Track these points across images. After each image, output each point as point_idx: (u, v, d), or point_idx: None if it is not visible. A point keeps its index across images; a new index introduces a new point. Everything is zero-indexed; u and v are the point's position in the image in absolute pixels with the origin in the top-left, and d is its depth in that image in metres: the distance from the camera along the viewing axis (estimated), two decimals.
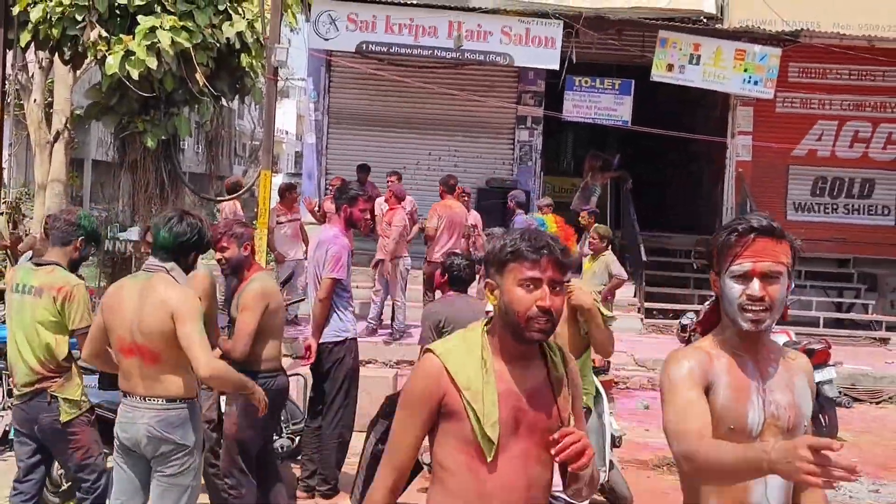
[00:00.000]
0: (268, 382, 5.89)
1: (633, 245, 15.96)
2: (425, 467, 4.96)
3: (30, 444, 5.52)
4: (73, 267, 5.53)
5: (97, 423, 5.62)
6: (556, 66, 14.84)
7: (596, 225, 12.39)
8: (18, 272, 5.60)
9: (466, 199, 13.69)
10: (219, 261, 6.00)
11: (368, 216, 7.72)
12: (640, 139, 17.73)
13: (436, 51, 14.95)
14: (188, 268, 4.89)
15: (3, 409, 8.22)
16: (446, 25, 14.68)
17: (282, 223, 13.04)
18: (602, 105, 15.69)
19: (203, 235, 4.85)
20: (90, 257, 5.95)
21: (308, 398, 7.75)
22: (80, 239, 5.49)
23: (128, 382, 4.73)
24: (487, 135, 17.45)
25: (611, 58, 16.59)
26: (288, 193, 13.30)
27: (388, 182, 13.35)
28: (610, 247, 11.71)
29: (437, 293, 9.49)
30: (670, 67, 14.89)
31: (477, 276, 7.65)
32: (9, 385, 7.77)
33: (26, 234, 17.17)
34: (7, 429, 7.04)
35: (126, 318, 4.66)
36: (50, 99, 18.88)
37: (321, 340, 7.20)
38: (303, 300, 9.25)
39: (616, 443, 7.53)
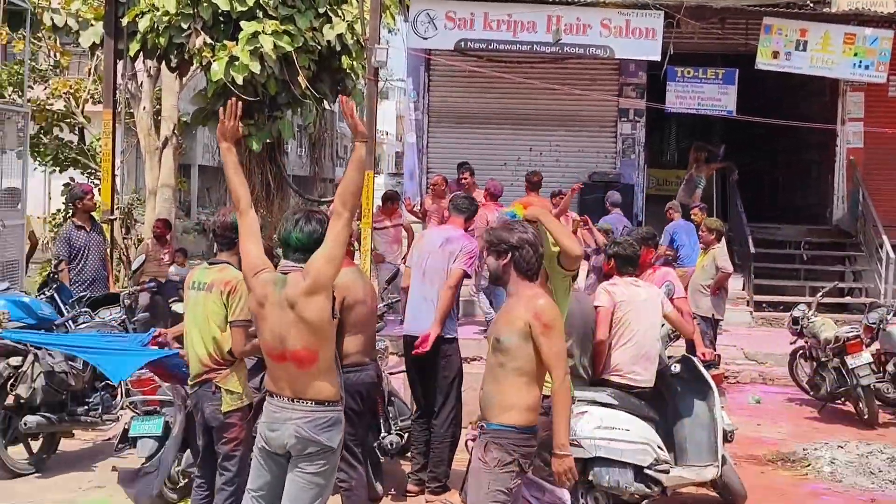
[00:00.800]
0: (352, 376, 5.96)
1: (740, 237, 15.65)
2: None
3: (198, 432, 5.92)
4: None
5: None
6: (658, 58, 14.63)
7: (706, 219, 12.17)
8: (195, 272, 5.97)
9: (557, 200, 13.33)
10: None
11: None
12: (746, 128, 17.36)
13: (535, 46, 14.87)
14: None
15: (122, 408, 8.45)
16: (545, 20, 14.58)
17: (379, 229, 13.07)
18: (706, 95, 15.42)
19: None
20: None
21: (413, 394, 7.79)
22: None
23: (276, 384, 4.79)
24: (589, 129, 17.28)
25: (713, 47, 16.28)
26: (390, 203, 13.29)
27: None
28: (721, 240, 11.46)
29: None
30: (776, 55, 14.56)
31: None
32: (126, 384, 8.00)
33: (139, 240, 17.64)
34: (127, 427, 7.23)
35: (274, 324, 4.69)
36: (158, 106, 19.36)
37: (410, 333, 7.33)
38: (398, 300, 9.29)
39: (728, 438, 7.37)
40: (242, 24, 13.30)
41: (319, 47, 13.83)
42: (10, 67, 21.12)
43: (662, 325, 7.37)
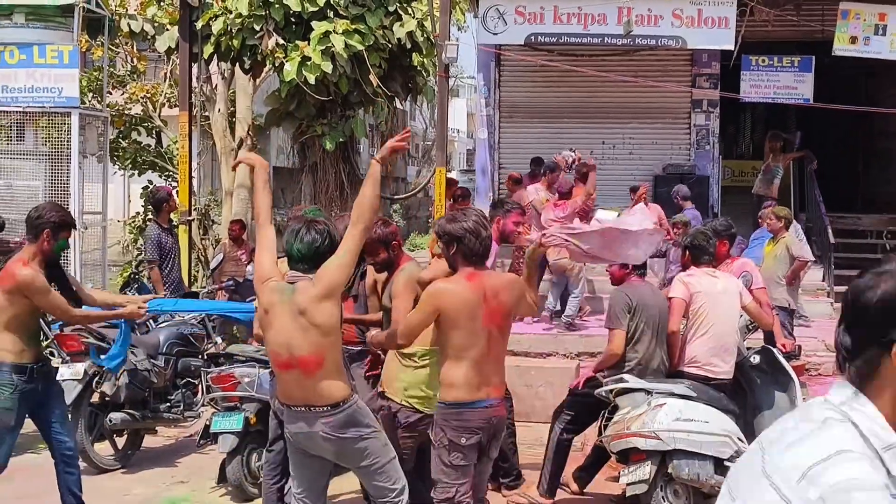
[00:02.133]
0: None
1: (819, 227, 15.35)
2: None
3: (275, 419, 6.12)
4: None
5: None
6: (731, 47, 14.40)
7: (775, 207, 11.98)
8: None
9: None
10: (373, 264, 6.18)
11: (521, 229, 7.69)
12: (823, 117, 17.02)
13: (606, 38, 14.73)
14: None
15: (204, 404, 8.59)
16: (615, 12, 14.44)
17: None
18: (781, 83, 15.14)
19: (333, 238, 4.89)
20: None
21: None
22: None
23: (289, 396, 4.90)
24: (662, 120, 17.09)
25: (788, 34, 15.98)
26: (462, 200, 13.21)
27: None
28: (790, 228, 11.26)
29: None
30: (853, 40, 14.23)
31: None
32: (207, 381, 8.13)
33: (216, 240, 17.90)
34: (208, 423, 7.36)
35: (280, 330, 4.79)
36: (232, 108, 19.61)
37: None
38: None
39: None
40: (314, 24, 13.42)
41: (390, 45, 13.91)
42: (90, 74, 21.52)
43: (741, 317, 7.28)
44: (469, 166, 49.29)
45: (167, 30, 16.71)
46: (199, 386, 8.84)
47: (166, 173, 21.84)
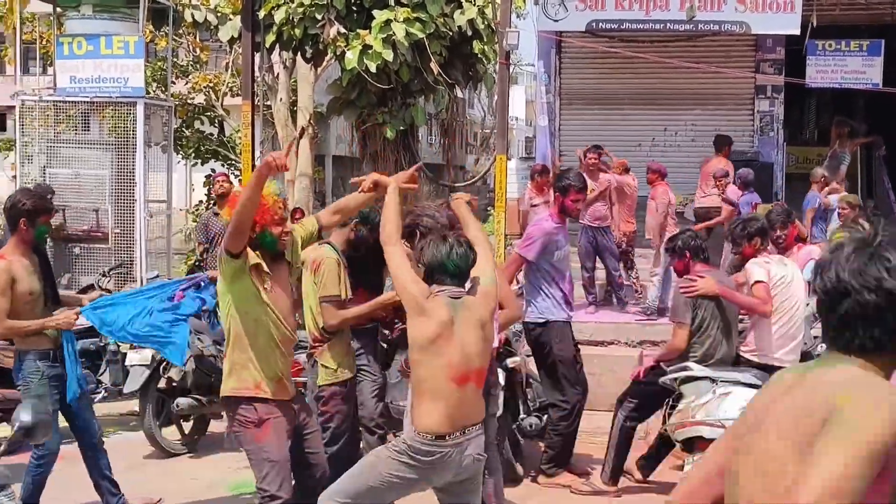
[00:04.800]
0: None
1: (888, 214, 15.08)
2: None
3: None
4: (354, 246, 6.07)
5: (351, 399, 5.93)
6: (797, 31, 14.16)
7: (844, 194, 11.78)
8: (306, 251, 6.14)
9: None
10: None
11: (580, 206, 7.69)
12: (893, 102, 16.69)
13: (668, 24, 14.57)
14: None
15: None
16: None
17: (536, 205, 12.78)
18: (849, 68, 14.87)
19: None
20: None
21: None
22: (354, 222, 6.03)
23: (451, 421, 4.57)
24: (725, 107, 16.89)
25: (856, 18, 15.69)
26: (538, 176, 13.07)
27: (587, 159, 12.61)
28: (862, 215, 11.07)
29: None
30: None
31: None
32: None
33: None
34: None
35: (462, 344, 4.63)
36: (294, 98, 19.77)
37: (524, 320, 7.29)
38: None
39: None
40: (375, 12, 13.47)
41: (451, 33, 13.90)
42: (154, 64, 21.84)
43: (807, 305, 7.19)
44: (528, 154, 49.16)
45: (230, 19, 16.87)
46: None
47: (229, 162, 22.09)
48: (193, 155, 23.06)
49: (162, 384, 8.19)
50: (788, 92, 16.62)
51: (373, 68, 13.24)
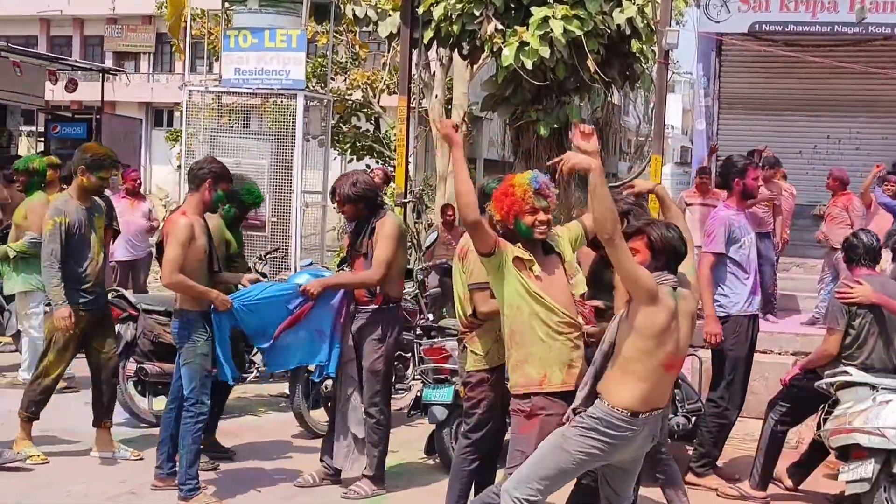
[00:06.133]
0: None
1: None
2: None
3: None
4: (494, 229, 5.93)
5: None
6: None
7: None
8: None
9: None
10: None
11: (760, 182, 7.49)
12: None
13: (835, 26, 14.07)
14: None
15: (415, 377, 8.77)
16: None
17: (690, 204, 12.52)
18: None
19: None
20: None
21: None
22: (487, 205, 5.78)
23: (657, 399, 4.74)
24: (893, 114, 16.22)
25: None
26: (699, 177, 12.80)
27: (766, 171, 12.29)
28: None
29: None
30: None
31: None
32: (419, 354, 8.30)
33: (429, 224, 18.24)
34: (418, 395, 7.50)
35: (683, 334, 4.77)
36: (449, 95, 19.96)
37: None
38: None
39: None
40: (533, 9, 13.46)
41: (609, 31, 13.78)
42: (314, 61, 22.36)
43: None
44: (682, 160, 48.36)
45: (389, 15, 17.13)
46: (411, 359, 9.04)
47: (383, 158, 22.44)
48: (349, 151, 23.52)
49: (311, 367, 8.35)
50: None
51: (529, 65, 13.22)
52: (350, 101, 23.20)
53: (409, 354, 9.01)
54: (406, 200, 14.21)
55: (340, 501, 6.70)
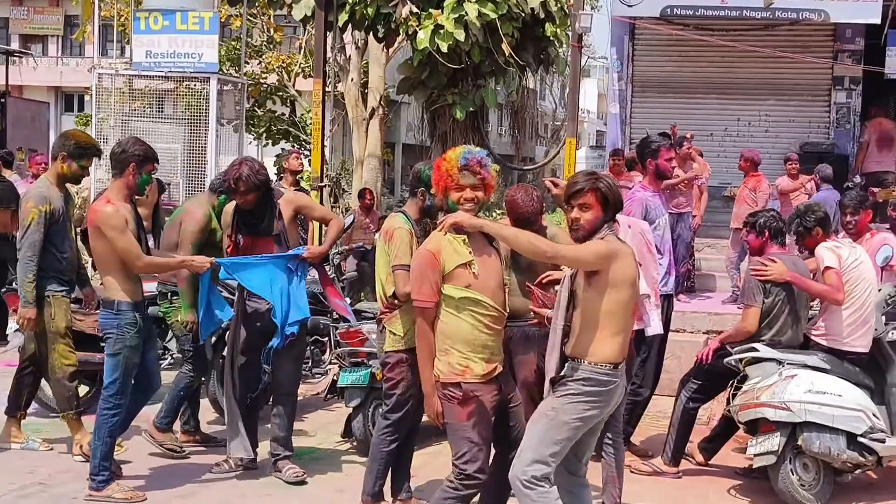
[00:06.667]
0: None
1: None
2: None
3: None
4: (426, 214, 5.99)
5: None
6: (878, 20, 13.86)
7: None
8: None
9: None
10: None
11: (674, 163, 7.57)
12: None
13: (744, 11, 14.34)
14: None
15: (332, 361, 8.75)
16: None
17: None
18: None
19: None
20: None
21: None
22: (421, 190, 5.93)
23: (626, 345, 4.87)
24: (800, 97, 16.58)
25: None
26: (612, 159, 12.98)
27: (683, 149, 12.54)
28: None
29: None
30: None
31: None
32: (335, 338, 8.27)
33: (346, 208, 18.19)
34: (335, 378, 7.49)
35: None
36: (365, 79, 19.84)
37: None
38: None
39: None
40: None
41: (523, 15, 13.83)
42: (228, 44, 22.07)
43: (879, 290, 7.04)
44: (598, 144, 48.92)
45: None
46: (328, 344, 9.01)
47: (299, 142, 22.27)
48: (265, 135, 23.29)
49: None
50: (867, 84, 16.27)
51: (444, 48, 13.22)
52: (265, 85, 22.95)
53: (326, 338, 8.98)
54: (322, 184, 14.12)
55: (254, 488, 6.64)
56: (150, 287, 7.19)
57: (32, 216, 6.64)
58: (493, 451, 5.19)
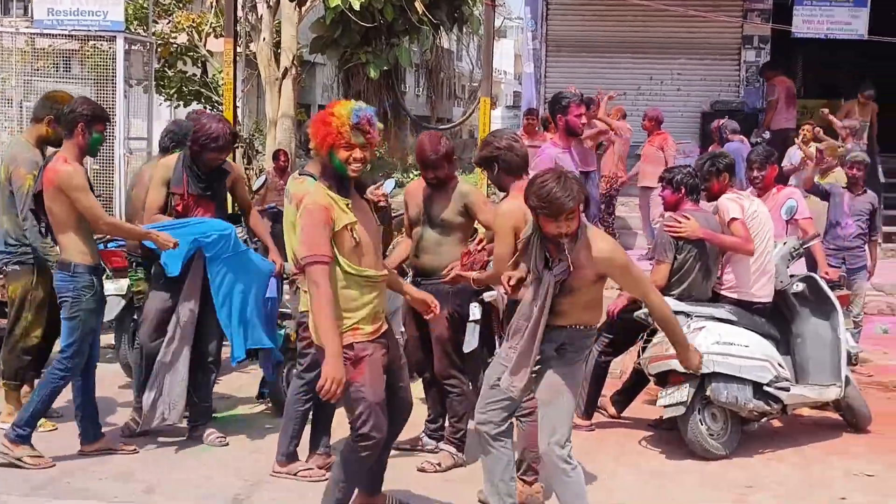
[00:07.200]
0: None
1: (869, 167, 15.01)
2: None
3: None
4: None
5: None
6: None
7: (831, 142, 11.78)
8: (288, 183, 6.19)
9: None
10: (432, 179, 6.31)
11: (584, 119, 7.59)
12: (880, 54, 16.56)
13: None
14: None
15: None
16: None
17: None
18: (835, 18, 14.80)
19: None
20: None
21: None
22: None
23: None
24: (711, 56, 16.81)
25: None
26: (526, 118, 13.03)
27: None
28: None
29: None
30: None
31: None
32: None
33: (260, 169, 17.95)
34: None
35: None
36: (277, 38, 19.51)
37: None
38: None
39: (853, 360, 7.22)
40: None
41: None
42: (136, 2, 21.52)
43: (784, 244, 7.18)
44: (514, 104, 49.06)
45: None
46: None
47: (212, 103, 21.87)
48: (176, 96, 22.82)
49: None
50: (775, 44, 16.52)
51: (356, 6, 13.13)
52: (175, 45, 22.44)
53: None
54: (235, 146, 13.90)
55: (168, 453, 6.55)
56: None
57: (28, 182, 6.58)
58: None
